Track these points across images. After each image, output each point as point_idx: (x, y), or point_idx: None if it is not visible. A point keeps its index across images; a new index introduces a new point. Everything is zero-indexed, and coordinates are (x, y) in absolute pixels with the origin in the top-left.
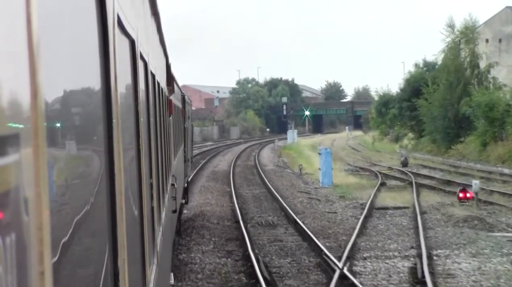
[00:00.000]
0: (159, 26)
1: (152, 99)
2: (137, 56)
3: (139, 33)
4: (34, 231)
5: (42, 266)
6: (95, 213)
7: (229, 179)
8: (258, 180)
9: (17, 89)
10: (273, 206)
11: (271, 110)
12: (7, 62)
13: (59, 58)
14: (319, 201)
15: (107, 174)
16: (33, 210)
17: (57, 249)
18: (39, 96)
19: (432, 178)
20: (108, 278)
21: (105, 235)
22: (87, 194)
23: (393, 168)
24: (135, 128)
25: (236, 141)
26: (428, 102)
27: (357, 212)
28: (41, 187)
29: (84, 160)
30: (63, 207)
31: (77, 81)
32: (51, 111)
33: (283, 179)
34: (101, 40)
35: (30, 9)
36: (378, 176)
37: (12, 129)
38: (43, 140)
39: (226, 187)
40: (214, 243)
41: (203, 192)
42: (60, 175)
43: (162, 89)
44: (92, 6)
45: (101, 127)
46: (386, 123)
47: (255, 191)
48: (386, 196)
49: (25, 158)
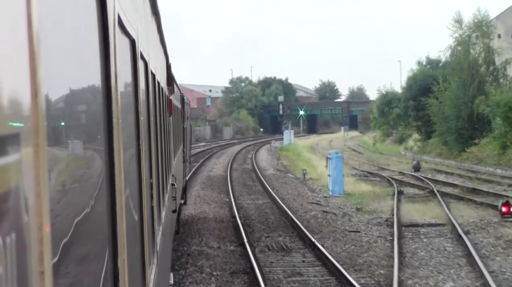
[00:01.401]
0: (159, 26)
1: (152, 99)
2: (138, 56)
3: (140, 33)
4: (34, 231)
5: (42, 266)
6: (95, 212)
7: (227, 186)
8: (259, 186)
9: (18, 88)
10: (282, 222)
11: (265, 110)
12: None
13: (59, 58)
14: (335, 215)
15: (107, 173)
16: (33, 210)
17: (57, 249)
18: (40, 95)
19: (453, 185)
20: (108, 278)
21: (105, 235)
22: (87, 193)
23: (405, 173)
24: (136, 128)
25: (230, 142)
26: (439, 101)
27: (384, 230)
28: (41, 187)
29: (85, 160)
30: (63, 207)
31: (77, 80)
32: (52, 110)
33: (287, 186)
34: (102, 39)
35: (30, 9)
36: (391, 183)
37: (13, 128)
38: (43, 139)
39: (225, 197)
40: (216, 280)
41: (199, 203)
42: (60, 174)
43: (162, 89)
44: (92, 6)
45: (102, 127)
46: (388, 124)
47: (257, 201)
48: (410, 208)
49: (25, 157)
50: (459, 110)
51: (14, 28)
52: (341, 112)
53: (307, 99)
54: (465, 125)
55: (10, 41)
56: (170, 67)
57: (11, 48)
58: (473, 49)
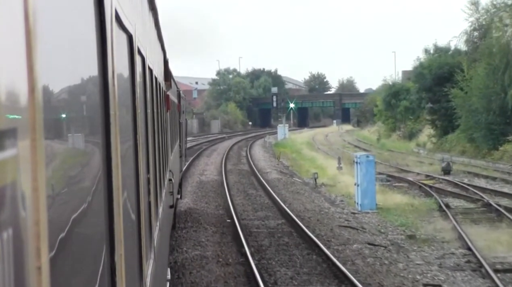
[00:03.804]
0: (156, 21)
1: (150, 94)
2: (135, 51)
3: (137, 28)
4: (31, 226)
5: (39, 261)
6: (92, 207)
7: (225, 196)
8: (265, 197)
9: (15, 83)
10: (314, 263)
11: (254, 103)
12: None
13: (56, 53)
14: (387, 250)
15: (104, 168)
16: (30, 205)
17: (54, 244)
18: (37, 90)
19: (507, 195)
20: (105, 273)
21: (102, 230)
22: (84, 188)
23: (434, 176)
24: (133, 123)
25: (219, 136)
26: (464, 91)
27: (476, 282)
28: (38, 182)
29: (82, 155)
30: (60, 202)
31: (74, 75)
32: (49, 105)
33: (300, 197)
34: (99, 35)
35: (27, 3)
36: (425, 190)
37: (9, 123)
38: (40, 134)
39: (225, 215)
40: None
41: (190, 229)
42: (57, 169)
43: (160, 84)
44: (89, 1)
45: (99, 122)
46: (396, 117)
47: (269, 222)
48: (478, 233)
49: (22, 152)
50: (489, 102)
51: (11, 23)
52: (333, 105)
53: (296, 91)
54: (497, 119)
55: (7, 36)
56: (168, 63)
57: (7, 43)
58: (502, 31)
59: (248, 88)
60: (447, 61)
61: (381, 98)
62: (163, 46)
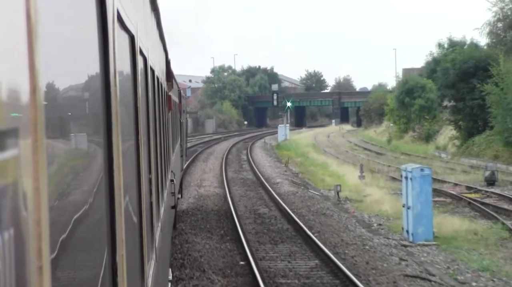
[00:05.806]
0: (158, 22)
1: (152, 95)
2: (137, 51)
3: (139, 29)
4: (32, 226)
5: (40, 261)
6: (94, 208)
7: (233, 220)
8: (282, 220)
9: (17, 84)
10: None
11: (249, 101)
12: (6, 57)
13: (58, 54)
14: None
15: (106, 169)
16: (31, 205)
17: (56, 244)
18: (38, 90)
19: None
20: (107, 273)
21: (104, 230)
22: (86, 189)
23: (478, 188)
24: (135, 123)
25: (214, 137)
26: (499, 87)
27: None
28: (39, 182)
29: (83, 155)
30: (61, 202)
31: (76, 76)
32: (51, 106)
33: (328, 220)
34: (101, 35)
35: (29, 3)
36: (480, 209)
37: (11, 123)
38: (42, 135)
39: (235, 253)
40: None
41: (190, 281)
42: (59, 169)
43: (162, 84)
44: (91, 1)
45: (101, 122)
46: (410, 117)
47: (298, 266)
48: None
49: (24, 152)
50: None
51: (13, 23)
52: (332, 104)
53: (292, 89)
54: None
55: (9, 36)
56: (169, 63)
57: (10, 43)
58: None
59: (243, 87)
60: (472, 55)
61: (393, 96)
62: (165, 47)
